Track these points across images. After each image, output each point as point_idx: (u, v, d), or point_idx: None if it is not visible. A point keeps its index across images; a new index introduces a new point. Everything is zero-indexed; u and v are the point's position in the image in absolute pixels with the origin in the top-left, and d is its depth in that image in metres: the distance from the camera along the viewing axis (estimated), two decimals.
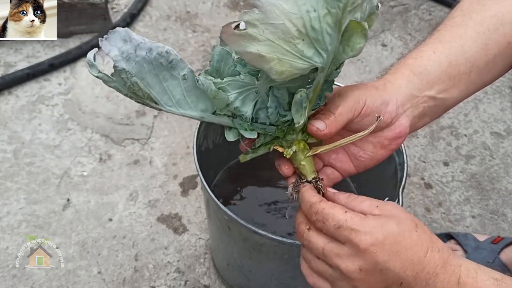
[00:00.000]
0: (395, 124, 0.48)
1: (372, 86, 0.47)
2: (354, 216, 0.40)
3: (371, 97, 0.46)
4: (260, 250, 0.63)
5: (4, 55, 1.18)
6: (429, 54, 0.50)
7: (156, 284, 0.85)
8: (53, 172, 0.98)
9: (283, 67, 0.39)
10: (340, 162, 0.50)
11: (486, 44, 0.50)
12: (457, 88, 0.50)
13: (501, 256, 0.83)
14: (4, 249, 0.87)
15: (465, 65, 0.50)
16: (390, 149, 0.49)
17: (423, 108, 0.49)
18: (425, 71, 0.49)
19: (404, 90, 0.48)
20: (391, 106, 0.47)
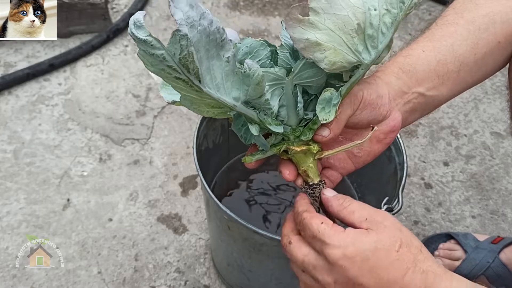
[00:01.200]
0: (389, 118, 0.48)
1: (364, 81, 0.48)
2: (329, 228, 0.40)
3: (367, 90, 0.46)
4: (260, 250, 0.63)
5: (4, 55, 1.18)
6: (419, 53, 0.50)
7: (156, 284, 0.85)
8: (53, 172, 0.98)
9: (336, 58, 0.39)
10: (339, 162, 0.51)
11: (476, 43, 0.51)
12: (446, 86, 0.51)
13: (501, 256, 0.83)
14: (4, 249, 0.87)
15: (454, 63, 0.50)
16: (385, 143, 0.50)
17: (413, 104, 0.50)
18: (414, 69, 0.49)
19: (394, 86, 0.49)
20: (385, 99, 0.47)
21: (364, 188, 0.80)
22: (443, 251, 0.87)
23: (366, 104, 0.46)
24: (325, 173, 0.51)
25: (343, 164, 0.51)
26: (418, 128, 1.14)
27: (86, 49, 1.19)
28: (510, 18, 0.51)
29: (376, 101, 0.46)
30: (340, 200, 0.43)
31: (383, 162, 0.71)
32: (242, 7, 1.37)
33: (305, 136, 0.46)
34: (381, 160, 0.71)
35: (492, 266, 0.82)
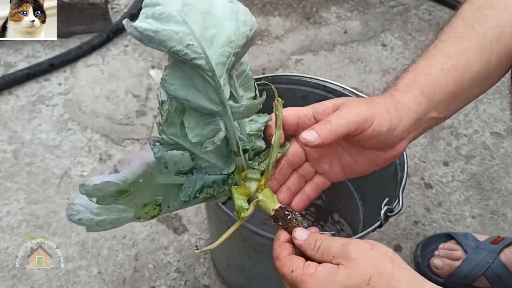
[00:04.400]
0: (395, 147, 0.48)
1: (383, 106, 0.46)
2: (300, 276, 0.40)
3: (379, 120, 0.45)
4: (260, 250, 0.63)
5: (4, 55, 1.18)
6: (438, 72, 0.49)
7: (156, 284, 0.85)
8: (53, 172, 0.98)
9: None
10: (332, 171, 0.51)
11: (489, 57, 0.50)
12: (456, 103, 0.51)
13: (501, 257, 0.83)
14: (4, 249, 0.87)
15: (468, 81, 0.49)
16: (383, 165, 0.50)
17: (422, 129, 0.50)
18: (433, 92, 0.48)
19: (412, 114, 0.48)
20: (397, 132, 0.46)
21: (364, 189, 0.80)
22: (443, 251, 0.87)
23: (374, 134, 0.45)
24: (316, 179, 0.51)
25: (336, 175, 0.51)
26: None
27: (86, 49, 1.19)
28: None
29: (386, 134, 0.45)
30: (311, 244, 0.43)
31: None
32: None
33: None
34: None
35: (492, 266, 0.82)
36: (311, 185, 0.51)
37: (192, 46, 0.38)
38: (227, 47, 0.40)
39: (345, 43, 1.31)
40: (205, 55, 0.39)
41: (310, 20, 1.36)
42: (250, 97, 0.47)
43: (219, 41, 0.40)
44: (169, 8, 0.38)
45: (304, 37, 1.31)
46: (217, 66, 0.40)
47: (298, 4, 1.40)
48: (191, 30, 0.38)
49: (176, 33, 0.38)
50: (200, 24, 0.39)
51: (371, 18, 1.38)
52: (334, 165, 0.50)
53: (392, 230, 0.95)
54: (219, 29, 0.39)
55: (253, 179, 0.47)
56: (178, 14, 0.38)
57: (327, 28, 1.34)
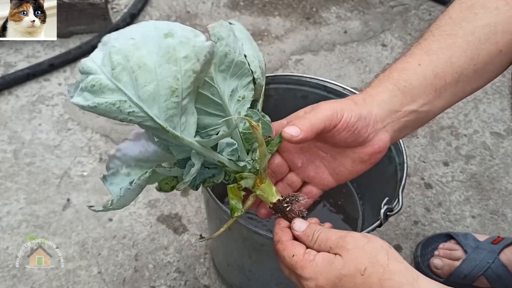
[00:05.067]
0: (373, 140, 0.48)
1: (350, 100, 0.47)
2: (300, 260, 0.42)
3: (348, 112, 0.46)
4: (260, 250, 0.63)
5: (4, 55, 1.18)
6: (414, 67, 0.49)
7: (156, 284, 0.85)
8: (53, 172, 0.98)
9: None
10: (319, 178, 0.51)
11: (477, 54, 0.49)
12: (442, 98, 0.50)
13: (501, 257, 0.83)
14: (4, 249, 0.87)
15: (452, 75, 0.49)
16: (369, 163, 0.50)
17: (404, 122, 0.49)
18: (410, 85, 0.48)
19: (386, 105, 0.48)
20: (368, 121, 0.46)
21: (364, 188, 0.80)
22: (443, 251, 0.87)
23: (345, 126, 0.45)
24: (304, 189, 0.52)
25: (324, 181, 0.51)
26: (418, 128, 1.14)
27: (86, 49, 1.19)
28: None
29: (356, 124, 0.46)
30: (309, 236, 0.44)
31: (383, 162, 0.71)
32: (242, 7, 1.37)
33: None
34: (381, 160, 0.71)
35: (492, 266, 0.82)
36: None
37: (133, 113, 0.37)
38: (172, 98, 0.37)
39: (345, 43, 1.31)
40: (149, 117, 0.37)
41: (310, 20, 1.36)
42: (246, 83, 0.46)
43: (161, 96, 0.37)
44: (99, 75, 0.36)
45: (304, 37, 1.31)
46: (167, 121, 0.38)
47: (298, 4, 1.40)
48: (127, 96, 0.36)
49: (113, 104, 0.36)
50: (134, 85, 0.36)
51: (371, 18, 1.38)
52: (320, 171, 0.51)
53: (392, 230, 0.95)
54: (157, 82, 0.37)
55: (248, 178, 0.48)
56: (109, 80, 0.36)
57: (327, 28, 1.34)
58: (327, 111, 0.45)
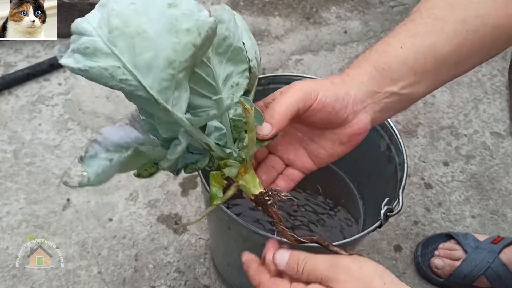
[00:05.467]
0: (352, 121, 0.47)
1: (327, 80, 0.46)
2: None
3: (324, 92, 0.45)
4: (260, 250, 0.63)
5: (4, 55, 1.18)
6: (396, 50, 0.47)
7: (156, 284, 0.85)
8: (53, 172, 0.98)
9: None
10: (300, 161, 0.50)
11: (462, 44, 0.47)
12: (423, 83, 0.48)
13: (501, 256, 0.83)
14: (4, 249, 0.87)
15: (434, 63, 0.47)
16: (350, 145, 0.48)
17: (385, 103, 0.48)
18: (389, 68, 0.47)
19: (365, 86, 0.47)
20: (346, 102, 0.45)
21: (364, 188, 0.80)
22: (443, 251, 0.87)
23: (320, 106, 0.44)
24: (286, 171, 0.51)
25: (305, 164, 0.50)
26: (418, 128, 1.14)
27: None
28: (503, 25, 0.47)
29: (333, 104, 0.45)
30: (294, 268, 0.41)
31: (383, 162, 0.71)
32: (242, 7, 1.37)
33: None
34: (381, 160, 0.72)
35: (492, 266, 0.82)
36: (282, 178, 0.50)
37: (126, 81, 0.35)
38: (168, 70, 0.36)
39: (345, 43, 1.31)
40: (143, 87, 0.36)
41: (310, 20, 1.36)
42: (242, 70, 0.45)
43: (157, 66, 0.36)
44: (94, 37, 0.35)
45: (304, 37, 1.31)
46: (159, 93, 0.37)
47: (298, 4, 1.40)
48: (122, 62, 0.35)
49: (106, 69, 0.34)
50: (131, 51, 0.35)
51: (371, 18, 1.38)
52: (300, 154, 0.50)
53: (392, 230, 0.95)
54: (155, 51, 0.35)
55: (233, 166, 0.47)
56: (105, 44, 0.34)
57: (327, 28, 1.34)
58: (299, 92, 0.44)
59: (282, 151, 0.50)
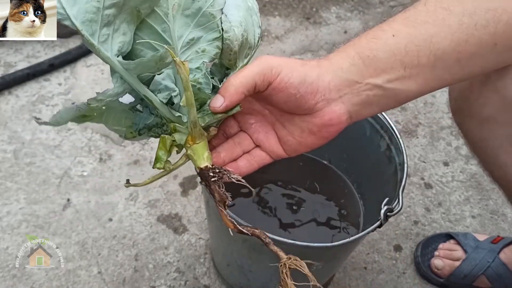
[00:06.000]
0: (324, 110, 0.43)
1: (300, 61, 0.43)
2: None
3: (289, 71, 0.41)
4: (260, 250, 0.63)
5: (4, 55, 1.18)
6: (387, 37, 0.43)
7: (156, 284, 0.85)
8: (53, 172, 0.98)
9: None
10: (268, 143, 0.47)
11: (465, 40, 0.42)
12: (414, 80, 0.43)
13: (501, 256, 0.83)
14: (4, 249, 0.87)
15: (428, 57, 0.42)
16: (321, 136, 0.45)
17: (366, 96, 0.43)
18: (375, 56, 0.42)
19: (343, 73, 0.42)
20: (314, 88, 0.42)
21: (364, 189, 0.80)
22: (443, 251, 0.87)
23: (282, 86, 0.41)
24: (253, 152, 0.48)
25: (274, 148, 0.47)
26: (418, 128, 1.14)
27: (86, 49, 1.19)
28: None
29: (297, 86, 0.41)
30: None
31: (383, 162, 0.71)
32: None
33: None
34: (381, 160, 0.72)
35: (492, 266, 0.82)
36: (246, 157, 0.48)
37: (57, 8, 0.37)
38: (93, 2, 0.37)
39: (345, 43, 1.31)
40: (67, 16, 0.37)
41: (310, 20, 1.36)
42: (212, 38, 0.43)
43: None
44: None
45: (304, 37, 1.31)
46: (83, 24, 0.38)
47: (298, 4, 1.40)
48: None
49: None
50: None
51: (371, 18, 1.38)
52: (270, 136, 0.47)
53: (392, 230, 0.95)
54: None
55: (182, 133, 0.45)
56: None
57: (327, 28, 1.34)
58: (259, 66, 0.41)
59: (253, 130, 0.47)
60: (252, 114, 0.48)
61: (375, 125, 0.71)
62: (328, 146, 0.82)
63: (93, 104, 0.42)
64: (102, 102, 0.42)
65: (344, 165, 0.82)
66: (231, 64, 0.46)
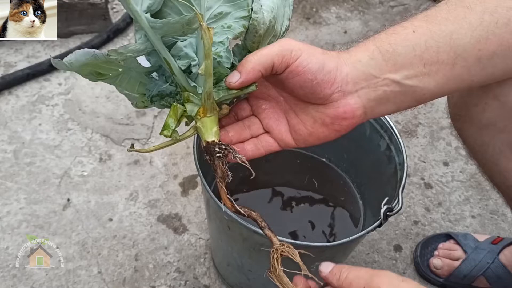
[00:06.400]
0: (339, 102, 0.42)
1: (321, 50, 0.42)
2: None
3: (308, 57, 0.41)
4: (260, 250, 0.63)
5: (4, 55, 1.18)
6: (407, 32, 0.42)
7: (156, 284, 0.85)
8: (53, 172, 0.98)
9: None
10: (278, 130, 0.47)
11: (485, 37, 0.41)
12: (433, 78, 0.42)
13: (501, 257, 0.83)
14: (4, 249, 0.87)
15: (448, 54, 0.42)
16: (333, 129, 0.44)
17: (383, 92, 0.43)
18: (394, 51, 0.42)
19: (362, 66, 0.42)
20: (331, 77, 0.41)
21: (364, 188, 0.80)
22: (442, 251, 0.87)
23: (299, 70, 0.41)
24: (262, 137, 0.48)
25: (283, 136, 0.47)
26: (418, 128, 1.14)
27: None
28: None
29: (315, 74, 0.41)
30: (337, 275, 0.41)
31: (383, 162, 0.71)
32: None
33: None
34: (381, 160, 0.72)
35: (492, 266, 0.82)
36: (253, 141, 0.48)
37: None
38: None
39: (345, 43, 1.31)
40: None
41: (310, 20, 1.36)
42: (240, 16, 0.43)
43: None
44: None
45: (304, 37, 1.31)
46: None
47: (298, 4, 1.40)
48: None
49: None
50: None
51: (371, 18, 1.38)
52: (281, 124, 0.47)
53: (392, 230, 0.95)
54: None
55: (194, 104, 0.45)
56: None
57: (327, 28, 1.34)
58: (279, 47, 0.41)
59: (265, 115, 0.47)
60: (266, 100, 0.47)
61: (375, 125, 0.71)
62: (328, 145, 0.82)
63: (113, 56, 0.41)
64: (122, 55, 0.41)
65: (344, 164, 0.82)
66: (253, 47, 0.45)
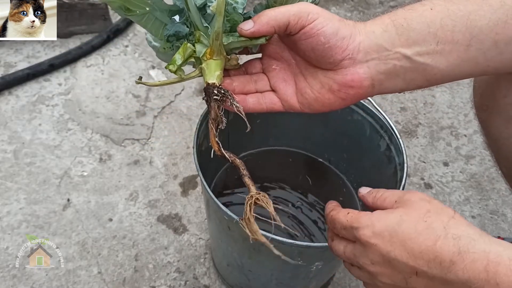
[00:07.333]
0: (347, 69, 0.43)
1: (338, 17, 0.43)
2: (355, 214, 0.41)
3: (325, 21, 0.42)
4: (260, 250, 0.63)
5: (4, 55, 1.18)
6: (424, 9, 0.42)
7: (156, 284, 0.85)
8: (53, 172, 0.98)
9: None
10: (284, 90, 0.48)
11: (504, 21, 0.40)
12: (445, 57, 0.42)
13: None
14: (4, 249, 0.87)
15: (464, 34, 0.41)
16: (339, 97, 0.45)
17: (393, 66, 0.43)
18: (408, 26, 0.42)
19: (375, 38, 0.42)
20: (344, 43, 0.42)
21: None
22: None
23: (314, 32, 0.41)
24: (267, 93, 0.48)
25: (288, 97, 0.48)
26: (418, 128, 1.14)
27: (86, 49, 1.19)
28: None
29: (329, 38, 0.41)
30: (373, 193, 0.44)
31: (383, 162, 0.71)
32: None
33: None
34: (381, 160, 0.72)
35: None
36: (257, 95, 0.48)
37: None
38: None
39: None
40: None
41: None
42: None
43: None
44: None
45: None
46: None
47: None
48: None
49: None
50: None
51: (371, 18, 1.38)
52: (288, 86, 0.48)
53: None
54: None
55: (204, 44, 0.46)
56: None
57: None
58: (297, 7, 0.41)
59: (274, 74, 0.48)
60: (279, 61, 0.48)
61: (375, 125, 0.71)
62: (328, 145, 0.82)
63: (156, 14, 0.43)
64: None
65: (344, 165, 0.82)
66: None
